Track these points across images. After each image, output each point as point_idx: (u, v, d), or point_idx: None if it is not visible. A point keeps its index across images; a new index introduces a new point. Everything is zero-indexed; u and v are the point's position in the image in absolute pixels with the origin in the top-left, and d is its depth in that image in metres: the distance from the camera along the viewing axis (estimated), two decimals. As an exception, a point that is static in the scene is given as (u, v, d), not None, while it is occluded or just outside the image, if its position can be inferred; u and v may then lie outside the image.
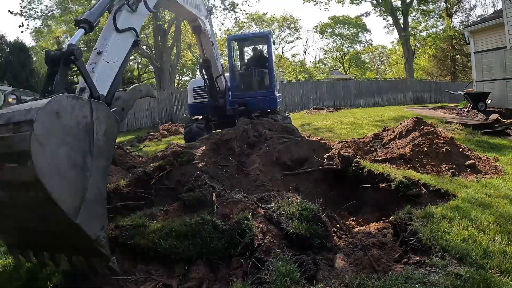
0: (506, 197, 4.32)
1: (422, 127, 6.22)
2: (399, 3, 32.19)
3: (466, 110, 12.95)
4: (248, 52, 10.98)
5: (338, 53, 53.29)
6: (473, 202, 4.07)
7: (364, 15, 39.40)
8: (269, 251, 3.00)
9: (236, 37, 11.06)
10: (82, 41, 37.07)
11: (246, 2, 54.20)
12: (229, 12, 30.51)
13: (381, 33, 60.54)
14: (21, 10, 26.98)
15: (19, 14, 25.66)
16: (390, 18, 34.48)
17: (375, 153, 6.24)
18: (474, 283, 2.58)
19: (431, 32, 38.01)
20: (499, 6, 22.09)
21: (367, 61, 55.93)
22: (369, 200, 4.86)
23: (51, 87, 3.00)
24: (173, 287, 2.91)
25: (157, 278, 2.96)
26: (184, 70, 46.90)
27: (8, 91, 2.95)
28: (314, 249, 3.18)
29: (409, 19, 34.36)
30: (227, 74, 8.74)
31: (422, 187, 4.47)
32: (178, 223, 3.32)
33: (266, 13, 46.94)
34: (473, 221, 3.55)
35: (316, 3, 34.12)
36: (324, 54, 57.19)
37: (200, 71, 8.16)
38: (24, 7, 26.47)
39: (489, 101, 12.67)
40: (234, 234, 3.20)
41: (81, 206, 2.52)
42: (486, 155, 6.51)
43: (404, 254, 3.20)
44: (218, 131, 7.09)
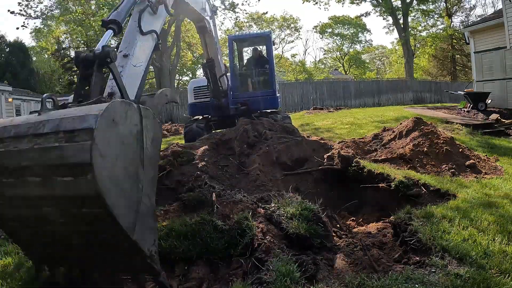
0: (506, 197, 4.32)
1: (422, 127, 6.22)
2: (399, 3, 32.21)
3: (466, 110, 12.95)
4: (248, 52, 11.00)
5: (338, 53, 53.31)
6: (473, 202, 4.07)
7: (364, 15, 39.45)
8: (269, 251, 3.00)
9: (237, 38, 11.08)
10: (82, 41, 37.17)
11: (246, 2, 54.18)
12: (229, 12, 30.53)
13: (381, 33, 60.63)
14: (20, 10, 27.01)
15: (17, 13, 25.68)
16: (390, 18, 34.52)
17: (375, 153, 6.24)
18: (474, 283, 2.58)
19: (431, 32, 38.05)
20: (499, 6, 22.11)
21: (367, 61, 55.93)
22: (369, 200, 4.86)
23: (84, 90, 2.84)
24: (173, 287, 2.91)
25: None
26: (184, 70, 46.90)
27: (46, 95, 2.82)
28: (314, 249, 3.18)
29: (409, 19, 34.39)
30: (228, 74, 8.75)
31: (422, 187, 4.47)
32: (178, 223, 3.32)
33: (266, 13, 47.00)
34: (473, 221, 3.55)
35: (316, 2, 34.12)
36: (324, 54, 57.26)
37: (204, 71, 8.16)
38: (23, 6, 26.49)
39: (489, 101, 12.67)
40: (234, 234, 3.20)
41: (136, 221, 2.39)
42: (486, 155, 6.51)
43: (404, 254, 3.20)
44: (218, 131, 7.10)
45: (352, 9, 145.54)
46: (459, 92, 14.46)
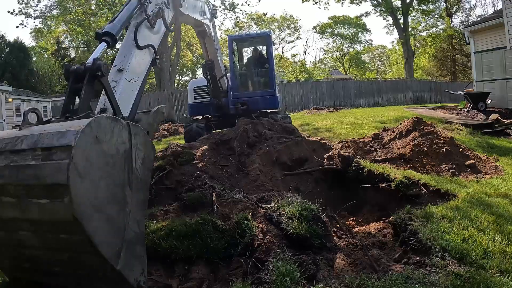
0: (506, 197, 4.32)
1: (422, 127, 6.22)
2: (399, 3, 32.23)
3: (466, 110, 12.95)
4: (248, 52, 11.01)
5: (338, 53, 53.32)
6: (473, 202, 4.07)
7: (364, 15, 39.48)
8: (269, 251, 3.00)
9: (237, 38, 11.09)
10: (82, 41, 37.17)
11: (246, 2, 54.20)
12: (229, 12, 30.53)
13: (381, 33, 60.66)
14: (20, 9, 27.00)
15: (17, 13, 25.68)
16: (390, 18, 34.52)
17: (375, 153, 6.24)
18: (474, 283, 2.58)
19: (431, 32, 38.06)
20: (499, 6, 22.10)
21: (367, 61, 55.94)
22: (369, 200, 4.86)
23: (73, 105, 2.69)
24: (173, 287, 2.91)
25: (157, 279, 2.96)
26: (184, 70, 46.94)
27: (28, 109, 2.69)
28: (314, 249, 3.17)
29: (409, 19, 34.42)
30: (228, 74, 8.75)
31: (422, 187, 4.47)
32: (178, 223, 3.32)
33: (266, 13, 46.99)
34: (473, 221, 3.55)
35: (316, 2, 34.13)
36: (324, 54, 57.29)
37: (204, 72, 8.16)
38: (22, 4, 26.48)
39: (489, 101, 12.67)
40: (234, 234, 3.20)
41: (121, 249, 2.20)
42: (486, 155, 6.51)
43: (404, 254, 3.20)
44: (218, 131, 7.10)
45: (352, 9, 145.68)
46: (459, 92, 14.45)
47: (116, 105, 2.89)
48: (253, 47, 10.29)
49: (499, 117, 11.04)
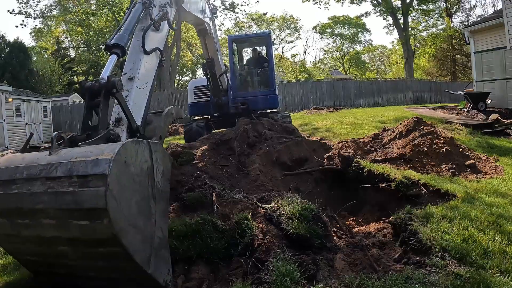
0: (506, 197, 4.32)
1: (422, 127, 6.22)
2: (399, 3, 32.22)
3: (466, 110, 12.95)
4: (248, 52, 11.01)
5: (338, 53, 53.33)
6: (473, 202, 4.07)
7: (364, 15, 39.46)
8: (269, 251, 3.00)
9: (237, 38, 11.11)
10: (82, 41, 37.15)
11: (245, 2, 54.24)
12: (229, 12, 30.54)
13: (381, 33, 60.67)
14: (20, 9, 26.99)
15: (17, 13, 25.68)
16: (390, 18, 34.52)
17: (375, 153, 6.24)
18: (474, 283, 2.58)
19: (431, 32, 38.07)
20: (499, 6, 22.10)
21: (367, 61, 55.95)
22: (369, 200, 4.86)
23: (91, 121, 2.84)
24: (178, 283, 2.91)
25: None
26: (184, 70, 46.94)
27: (56, 134, 2.71)
28: (314, 249, 3.17)
29: (409, 19, 34.42)
30: (228, 74, 8.76)
31: (422, 187, 4.47)
32: (178, 223, 3.32)
33: (266, 13, 47.01)
34: (473, 221, 3.55)
35: (316, 2, 34.21)
36: (324, 54, 57.32)
37: (204, 70, 8.16)
38: (22, 4, 26.47)
39: (489, 101, 12.67)
40: (234, 234, 3.20)
41: (151, 255, 2.45)
42: (486, 155, 6.51)
43: (404, 254, 3.20)
44: (218, 131, 7.10)
45: (352, 9, 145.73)
46: (459, 92, 14.45)
47: (131, 116, 3.07)
48: (252, 47, 10.30)
49: (499, 117, 11.03)
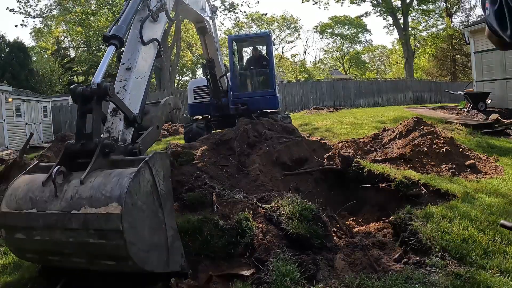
0: (506, 197, 4.32)
1: (422, 127, 6.22)
2: (399, 3, 32.21)
3: (466, 110, 12.95)
4: (247, 52, 11.02)
5: (338, 53, 53.31)
6: (473, 202, 4.07)
7: (364, 15, 39.40)
8: (269, 251, 3.00)
9: (237, 38, 11.11)
10: (82, 41, 37.14)
11: (245, 2, 54.24)
12: (229, 12, 30.55)
13: (381, 33, 60.61)
14: (20, 8, 26.98)
15: (16, 11, 25.70)
16: (390, 18, 34.51)
17: (375, 153, 6.24)
18: (474, 283, 2.58)
19: (431, 32, 38.06)
20: (499, 6, 22.03)
21: (367, 61, 55.93)
22: (369, 200, 4.86)
23: (85, 127, 2.80)
24: (172, 285, 2.91)
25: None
26: (184, 70, 46.94)
27: (56, 170, 2.70)
28: (314, 249, 3.17)
29: (409, 19, 34.41)
30: (228, 74, 8.75)
31: (422, 187, 4.47)
32: (181, 220, 3.31)
33: (266, 14, 47.04)
34: (473, 221, 3.55)
35: (316, 2, 34.16)
36: (324, 54, 57.30)
37: (204, 71, 8.15)
38: (22, 3, 26.45)
39: (489, 101, 12.67)
40: (234, 234, 3.20)
41: (169, 256, 2.55)
42: (486, 155, 6.51)
43: (404, 254, 3.20)
44: (218, 131, 7.10)
45: (352, 9, 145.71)
46: (459, 92, 14.44)
47: (127, 110, 3.07)
48: (253, 47, 10.30)
49: (499, 117, 11.03)
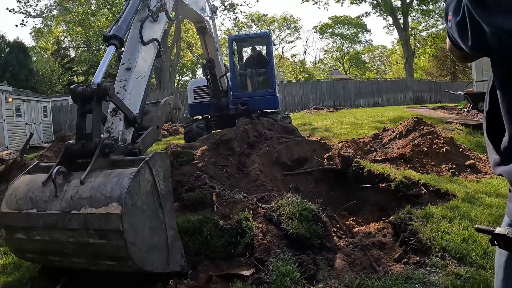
0: (506, 197, 4.31)
1: (422, 127, 6.22)
2: (399, 3, 32.21)
3: (466, 110, 12.94)
4: (247, 52, 11.01)
5: (338, 53, 53.30)
6: (473, 202, 4.07)
7: (364, 15, 39.38)
8: (269, 251, 3.00)
9: (237, 37, 11.11)
10: (82, 41, 37.14)
11: (245, 2, 54.22)
12: (228, 12, 30.55)
13: (381, 33, 60.58)
14: (20, 8, 26.98)
15: (16, 11, 25.73)
16: (390, 18, 34.50)
17: (375, 153, 6.24)
18: (474, 283, 2.58)
19: (431, 32, 38.04)
20: (499, 6, 22.04)
21: (367, 61, 55.92)
22: (369, 200, 4.86)
23: (85, 128, 2.81)
24: (171, 285, 2.91)
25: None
26: (184, 70, 46.93)
27: (56, 170, 2.70)
28: (314, 249, 3.17)
29: (409, 19, 34.38)
30: (228, 74, 8.76)
31: (422, 187, 4.47)
32: (181, 220, 3.32)
33: (266, 15, 47.05)
34: (473, 221, 3.55)
35: (316, 2, 34.14)
36: (324, 54, 57.29)
37: (204, 71, 8.15)
38: (22, 3, 26.46)
39: (489, 101, 12.66)
40: (234, 234, 3.20)
41: (169, 255, 2.57)
42: (486, 155, 6.51)
43: (404, 254, 3.20)
44: (218, 131, 7.10)
45: (352, 9, 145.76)
46: (459, 92, 14.43)
47: (127, 110, 3.07)
48: (253, 47, 10.30)
49: (499, 117, 11.02)
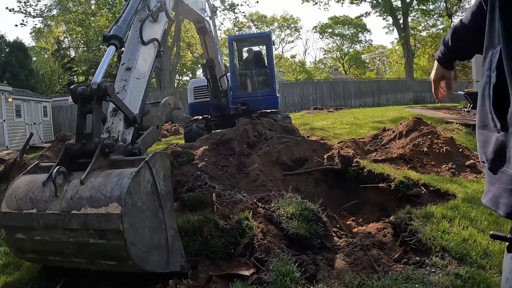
0: (506, 197, 4.31)
1: (422, 127, 6.22)
2: (399, 3, 32.23)
3: (466, 110, 12.95)
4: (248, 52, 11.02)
5: (338, 53, 53.31)
6: (473, 202, 4.06)
7: (364, 15, 39.41)
8: (269, 251, 3.00)
9: (237, 38, 11.12)
10: (82, 41, 37.15)
11: (245, 2, 54.22)
12: (228, 12, 30.57)
13: (381, 33, 60.60)
14: (19, 8, 26.99)
15: (16, 11, 25.75)
16: (390, 18, 34.52)
17: (375, 153, 6.24)
18: (474, 283, 2.58)
19: (431, 32, 38.06)
20: (499, 6, 22.02)
21: (367, 61, 55.93)
22: (369, 200, 4.86)
23: (85, 127, 2.81)
24: (171, 285, 2.91)
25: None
26: (184, 70, 46.93)
27: (56, 170, 2.72)
28: (314, 249, 3.17)
29: (409, 19, 34.41)
30: (228, 74, 8.76)
31: (422, 187, 4.47)
32: (181, 220, 3.32)
33: (266, 16, 47.08)
34: (473, 221, 3.55)
35: (316, 3, 34.19)
36: (324, 54, 57.32)
37: (204, 71, 8.16)
38: (22, 3, 26.47)
39: (489, 101, 12.65)
40: (234, 234, 3.20)
41: (169, 255, 2.57)
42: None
43: (404, 254, 3.20)
44: (218, 131, 7.10)
45: (352, 9, 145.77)
46: (459, 92, 14.44)
47: (127, 110, 3.06)
48: (253, 47, 10.31)
49: (499, 117, 11.01)
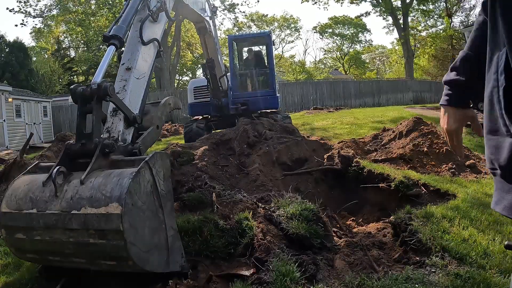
0: (506, 197, 4.31)
1: (422, 127, 6.22)
2: (399, 3, 32.24)
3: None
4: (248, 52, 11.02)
5: (338, 53, 53.32)
6: (473, 202, 4.06)
7: (364, 15, 39.40)
8: (269, 251, 3.00)
9: (237, 37, 11.13)
10: (82, 41, 37.15)
11: (245, 2, 54.22)
12: (228, 12, 30.58)
13: (381, 33, 60.64)
14: (19, 8, 26.99)
15: (16, 11, 25.77)
16: (390, 18, 34.53)
17: (375, 153, 6.24)
18: (474, 283, 2.58)
19: (431, 32, 38.07)
20: (499, 6, 22.03)
21: (367, 61, 55.95)
22: (369, 200, 4.86)
23: (85, 127, 2.80)
24: (171, 285, 2.91)
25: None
26: (184, 70, 46.95)
27: (56, 170, 2.70)
28: (314, 249, 3.17)
29: (409, 19, 34.42)
30: (228, 74, 8.77)
31: (422, 187, 4.47)
32: (181, 220, 3.32)
33: (266, 15, 47.10)
34: (473, 221, 3.55)
35: (315, 2, 34.18)
36: (324, 54, 57.34)
37: (204, 71, 8.17)
38: (22, 3, 26.48)
39: (489, 101, 12.66)
40: (234, 234, 3.20)
41: (169, 256, 2.56)
42: (486, 155, 6.50)
43: (404, 254, 3.20)
44: (218, 131, 7.10)
45: (352, 9, 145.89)
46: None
47: (127, 110, 3.06)
48: (253, 47, 10.31)
49: (499, 117, 11.01)
